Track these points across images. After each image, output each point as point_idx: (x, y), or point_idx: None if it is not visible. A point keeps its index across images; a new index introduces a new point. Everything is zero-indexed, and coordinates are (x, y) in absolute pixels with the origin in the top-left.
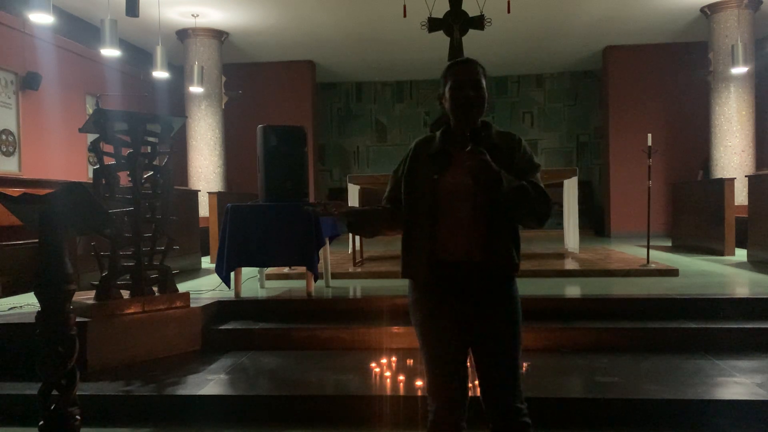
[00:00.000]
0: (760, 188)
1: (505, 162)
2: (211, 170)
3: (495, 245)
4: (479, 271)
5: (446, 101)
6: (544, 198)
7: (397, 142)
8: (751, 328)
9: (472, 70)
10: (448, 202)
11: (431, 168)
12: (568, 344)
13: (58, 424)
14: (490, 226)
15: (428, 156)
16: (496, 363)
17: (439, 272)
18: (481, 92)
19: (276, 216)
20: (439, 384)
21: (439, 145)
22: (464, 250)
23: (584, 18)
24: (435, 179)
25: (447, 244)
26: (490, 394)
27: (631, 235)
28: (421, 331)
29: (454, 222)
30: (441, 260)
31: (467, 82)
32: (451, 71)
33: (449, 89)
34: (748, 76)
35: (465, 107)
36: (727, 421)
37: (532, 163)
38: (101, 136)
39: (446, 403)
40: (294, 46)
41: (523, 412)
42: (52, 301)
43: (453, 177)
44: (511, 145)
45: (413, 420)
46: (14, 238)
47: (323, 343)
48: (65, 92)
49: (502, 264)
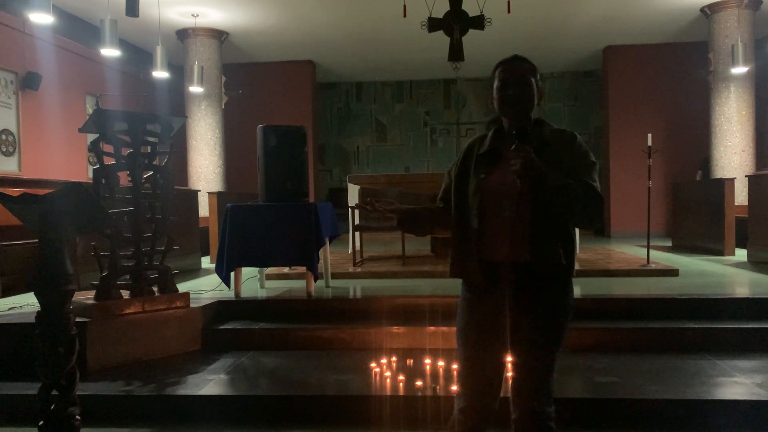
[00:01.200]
0: (760, 188)
1: (553, 160)
2: (211, 170)
3: (540, 245)
4: (525, 271)
5: (495, 100)
6: (593, 197)
7: (397, 142)
8: (751, 328)
9: (517, 67)
10: (494, 202)
11: (480, 167)
12: (568, 344)
13: (58, 424)
14: (535, 225)
15: (479, 155)
16: (530, 364)
17: (486, 272)
18: (527, 89)
19: (276, 216)
20: (472, 382)
21: (489, 144)
22: (509, 250)
23: (584, 18)
24: (482, 178)
25: (492, 244)
26: (519, 393)
27: (631, 235)
28: (463, 329)
29: (499, 222)
30: (487, 260)
31: (511, 80)
32: (498, 70)
33: (496, 88)
34: (748, 76)
35: (509, 105)
36: (727, 421)
37: (586, 160)
38: (101, 136)
39: (475, 402)
40: (294, 46)
41: (550, 416)
42: (52, 301)
43: (500, 176)
44: (562, 143)
45: (413, 420)
46: (14, 238)
47: (323, 343)
48: (65, 92)
49: (548, 264)
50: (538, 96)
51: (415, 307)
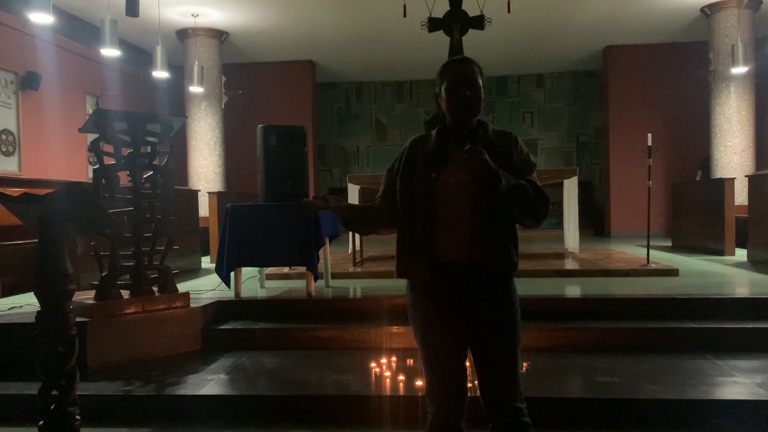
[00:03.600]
0: (760, 188)
1: (502, 161)
2: (211, 170)
3: (495, 245)
4: (479, 271)
5: (443, 100)
6: (542, 197)
7: (397, 142)
8: (751, 328)
9: (468, 68)
10: (447, 202)
11: (428, 167)
12: (568, 344)
13: (58, 424)
14: (490, 225)
15: (425, 155)
16: (495, 363)
17: (438, 273)
18: (478, 91)
19: (276, 216)
20: (438, 384)
21: (435, 144)
22: (464, 251)
23: (584, 18)
24: (432, 178)
25: (446, 245)
26: (489, 394)
27: (631, 235)
28: (421, 332)
29: (452, 222)
30: (440, 261)
31: (464, 81)
32: (448, 70)
33: (446, 89)
34: (748, 76)
35: (462, 106)
36: (727, 421)
37: (529, 161)
38: (101, 136)
39: (445, 403)
40: (294, 46)
41: (523, 412)
42: (52, 301)
43: (451, 176)
44: (508, 144)
45: (413, 420)
46: (14, 238)
47: (323, 343)
48: (65, 92)
49: (502, 264)
50: (484, 99)
51: None
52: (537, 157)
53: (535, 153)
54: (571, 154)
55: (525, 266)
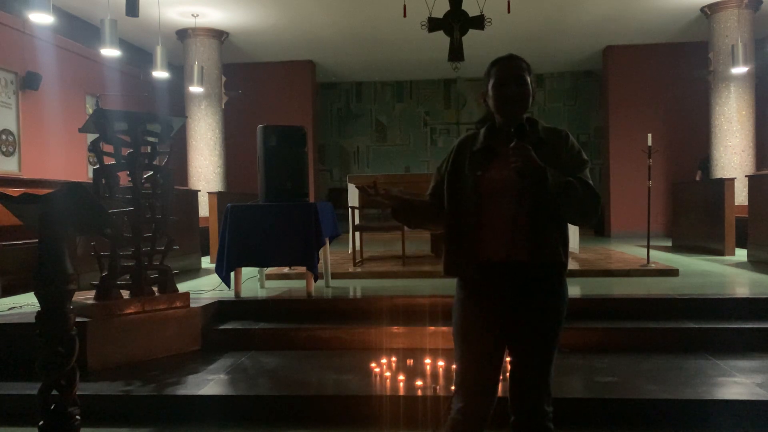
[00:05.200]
0: (760, 188)
1: (551, 158)
2: (211, 170)
3: (540, 243)
4: (524, 269)
5: (490, 98)
6: (592, 194)
7: (397, 142)
8: (751, 328)
9: (515, 66)
10: (492, 199)
11: (475, 165)
12: (568, 344)
13: (58, 424)
14: (535, 223)
15: (472, 152)
16: (529, 363)
17: (484, 271)
18: (525, 88)
19: (276, 216)
20: (470, 382)
21: (483, 142)
22: (508, 249)
23: (584, 18)
24: (478, 176)
25: (491, 243)
26: (518, 392)
27: (631, 235)
28: (460, 328)
29: (497, 220)
30: (485, 259)
31: (511, 79)
32: (495, 68)
33: (492, 86)
34: (748, 76)
35: (509, 103)
36: (727, 421)
37: (580, 158)
38: (101, 136)
39: (473, 402)
40: (294, 46)
41: (548, 416)
42: (52, 301)
43: (497, 174)
44: (557, 141)
45: (413, 420)
46: (14, 238)
47: (323, 343)
48: (65, 92)
49: (548, 262)
50: (532, 95)
51: (415, 307)
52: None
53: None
54: None
55: None
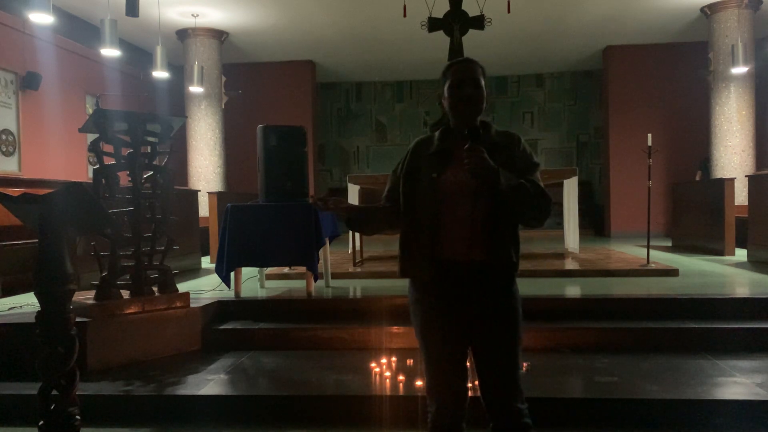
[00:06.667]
0: (760, 188)
1: (504, 160)
2: (211, 170)
3: (495, 244)
4: (479, 270)
5: (445, 100)
6: (544, 196)
7: (397, 142)
8: (751, 328)
9: (470, 68)
10: (448, 201)
11: (431, 167)
12: (568, 344)
13: (58, 424)
14: (490, 224)
15: (428, 155)
16: (496, 363)
17: (440, 272)
18: (480, 91)
19: (276, 216)
20: (439, 384)
21: (438, 144)
22: (464, 249)
23: (584, 18)
24: (434, 178)
25: (447, 243)
26: (490, 394)
27: (631, 235)
28: (422, 330)
29: (454, 221)
30: (441, 259)
31: (466, 81)
32: (450, 70)
33: (448, 88)
34: (748, 76)
35: (464, 105)
36: (727, 421)
37: (532, 161)
38: (101, 136)
39: (446, 403)
40: (294, 46)
41: (523, 413)
42: (52, 301)
43: (453, 176)
44: (510, 144)
45: (413, 420)
46: (14, 238)
47: (323, 343)
48: (65, 92)
49: (502, 263)
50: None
51: None
52: (537, 157)
53: (535, 153)
54: (571, 154)
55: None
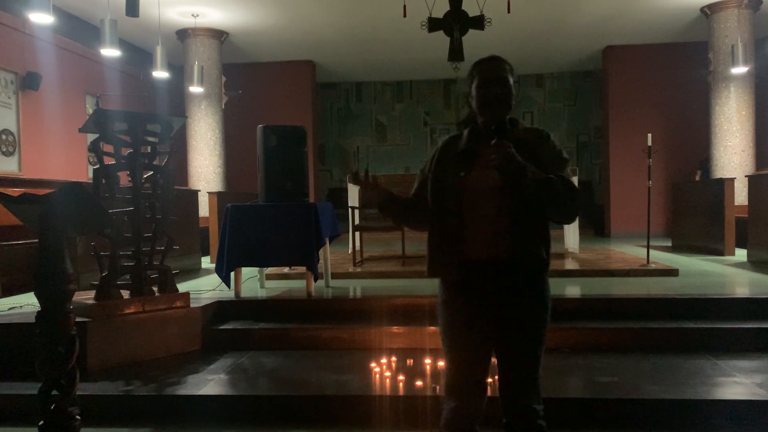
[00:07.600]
0: (760, 188)
1: (532, 156)
2: (211, 170)
3: (521, 242)
4: (506, 268)
5: (473, 99)
6: (573, 192)
7: (397, 142)
8: (751, 328)
9: (498, 67)
10: (474, 200)
11: (458, 166)
12: (568, 344)
13: (58, 424)
14: (516, 222)
15: (455, 154)
16: (516, 363)
17: (467, 272)
18: (508, 89)
19: (276, 216)
20: (459, 381)
21: (466, 143)
22: (490, 248)
23: (584, 18)
24: (461, 176)
25: (473, 243)
26: (508, 392)
27: (631, 235)
28: (446, 328)
29: (479, 219)
30: (468, 259)
31: (493, 80)
32: (478, 69)
33: (476, 87)
34: (748, 76)
35: (491, 104)
36: (727, 421)
37: (561, 157)
38: (101, 136)
39: (464, 400)
40: (294, 46)
41: (539, 414)
42: (52, 301)
43: (479, 174)
44: (538, 140)
45: (413, 420)
46: (14, 238)
47: (323, 343)
48: (65, 92)
49: (529, 261)
50: (514, 97)
51: (414, 307)
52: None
53: None
54: (571, 154)
55: None
